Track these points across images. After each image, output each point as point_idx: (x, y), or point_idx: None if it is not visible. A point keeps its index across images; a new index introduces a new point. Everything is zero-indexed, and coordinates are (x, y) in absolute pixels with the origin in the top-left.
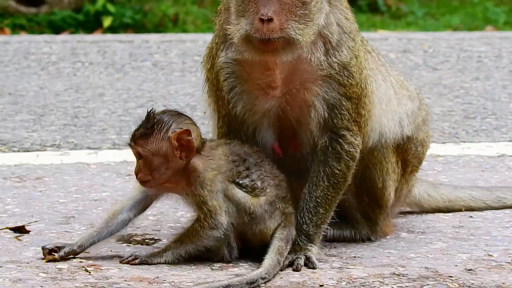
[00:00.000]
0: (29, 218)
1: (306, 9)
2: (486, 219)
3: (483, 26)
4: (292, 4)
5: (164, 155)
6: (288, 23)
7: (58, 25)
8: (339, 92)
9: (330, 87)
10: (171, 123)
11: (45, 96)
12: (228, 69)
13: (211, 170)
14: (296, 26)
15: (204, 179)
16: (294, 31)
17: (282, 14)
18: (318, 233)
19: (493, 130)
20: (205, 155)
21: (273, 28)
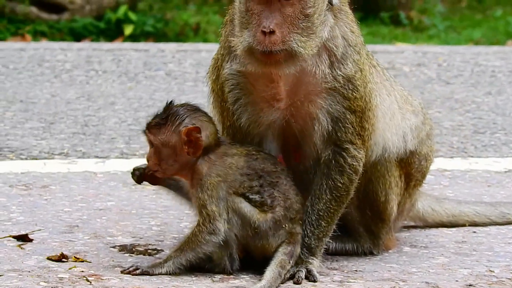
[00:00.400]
0: (33, 226)
1: (308, 22)
2: (489, 234)
3: (504, 41)
4: (294, 16)
5: (173, 147)
6: (290, 36)
7: (79, 33)
8: (343, 105)
9: (335, 100)
10: (185, 118)
11: (56, 104)
12: (233, 81)
13: (215, 176)
14: (299, 39)
15: (205, 183)
16: (296, 43)
17: (284, 26)
18: (320, 246)
19: (502, 145)
20: (214, 159)
21: (275, 41)
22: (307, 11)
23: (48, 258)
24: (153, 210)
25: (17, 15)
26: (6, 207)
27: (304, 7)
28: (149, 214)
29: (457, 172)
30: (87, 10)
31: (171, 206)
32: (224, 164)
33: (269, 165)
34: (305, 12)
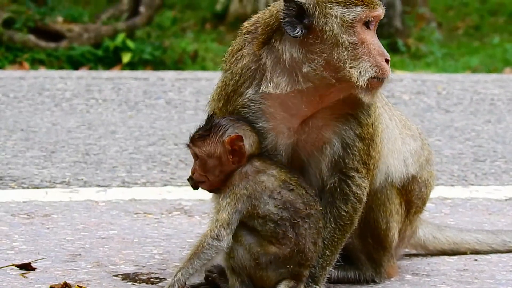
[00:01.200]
0: (36, 255)
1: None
2: (491, 262)
3: (502, 68)
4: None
5: (218, 158)
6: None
7: (77, 60)
8: (356, 132)
9: (349, 126)
10: (228, 128)
11: (57, 132)
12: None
13: (243, 188)
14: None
15: (230, 191)
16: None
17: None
18: (323, 275)
19: (502, 173)
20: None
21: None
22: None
23: (51, 287)
24: (155, 239)
25: (15, 43)
26: (8, 236)
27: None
28: (151, 242)
29: (458, 200)
30: (85, 38)
31: (173, 234)
32: (256, 180)
33: (299, 202)
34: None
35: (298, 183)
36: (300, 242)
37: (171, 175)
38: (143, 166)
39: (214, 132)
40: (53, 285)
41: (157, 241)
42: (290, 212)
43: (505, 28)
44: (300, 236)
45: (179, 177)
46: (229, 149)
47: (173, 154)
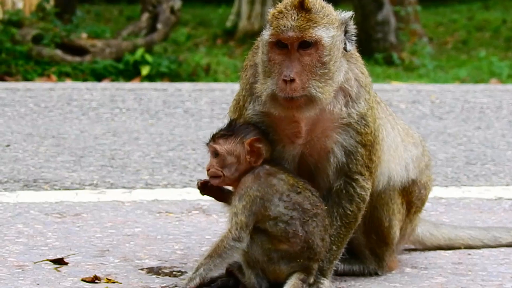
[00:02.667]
0: (68, 251)
1: (325, 69)
2: (483, 256)
3: (488, 79)
4: (312, 65)
5: (237, 156)
6: (310, 82)
7: (100, 73)
8: (356, 140)
9: (349, 135)
10: (249, 132)
11: (85, 139)
12: (256, 120)
13: (256, 190)
14: (317, 85)
15: (245, 193)
16: (315, 89)
17: (304, 74)
18: (330, 268)
19: (492, 175)
20: (260, 175)
21: (295, 88)
22: (323, 59)
23: (83, 280)
24: (177, 236)
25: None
26: (42, 234)
27: (321, 55)
28: (173, 239)
29: (452, 199)
30: (107, 52)
31: (192, 231)
32: (268, 183)
33: (307, 203)
34: (322, 60)
35: (304, 186)
36: (309, 240)
37: (190, 177)
38: (164, 170)
39: (236, 133)
40: (84, 278)
41: (178, 237)
42: (299, 212)
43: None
44: (309, 233)
45: (197, 179)
46: (248, 150)
47: (191, 158)
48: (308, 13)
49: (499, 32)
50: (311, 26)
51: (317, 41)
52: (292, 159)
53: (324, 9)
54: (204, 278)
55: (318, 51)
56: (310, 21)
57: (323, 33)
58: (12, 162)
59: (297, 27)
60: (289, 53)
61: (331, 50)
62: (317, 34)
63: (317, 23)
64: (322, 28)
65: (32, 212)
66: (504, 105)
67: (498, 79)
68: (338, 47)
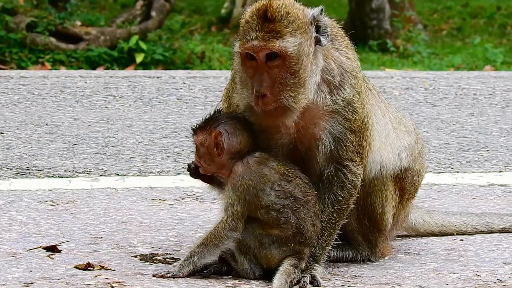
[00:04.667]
0: (61, 238)
1: (295, 78)
2: (475, 242)
3: (482, 66)
4: (282, 76)
5: (207, 148)
6: (281, 94)
7: (94, 61)
8: (345, 126)
9: (336, 122)
10: (219, 124)
11: (78, 126)
12: (243, 110)
13: (248, 179)
14: (289, 95)
15: (237, 183)
16: (287, 99)
17: (275, 87)
18: (323, 254)
19: (485, 161)
20: (251, 164)
21: (267, 102)
22: (292, 69)
23: (76, 267)
24: (170, 223)
25: (37, 45)
26: (36, 221)
27: (289, 66)
28: (166, 226)
29: (444, 186)
30: (102, 40)
31: (186, 218)
32: (259, 172)
33: (298, 191)
34: (291, 71)
35: (295, 174)
36: (300, 225)
37: (183, 164)
38: (158, 157)
39: (209, 124)
40: (77, 265)
41: (172, 224)
42: (290, 200)
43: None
44: (300, 220)
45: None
46: (214, 141)
47: (184, 146)
48: (272, 23)
49: (493, 19)
50: (275, 37)
51: (282, 52)
52: (283, 148)
53: (290, 16)
54: (196, 265)
55: (285, 62)
56: (274, 32)
57: (288, 44)
58: (5, 149)
59: (261, 38)
60: (258, 66)
61: (299, 59)
62: (281, 45)
63: (280, 33)
64: (287, 38)
65: (25, 199)
66: (497, 91)
67: (493, 66)
68: (307, 52)
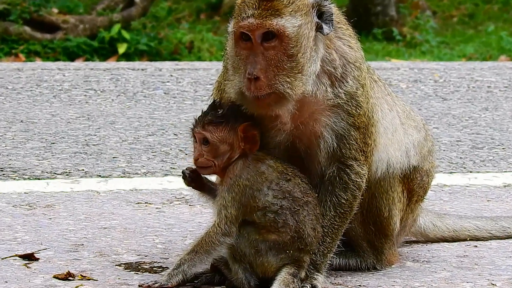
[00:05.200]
0: (38, 245)
1: (293, 62)
2: (490, 248)
3: (497, 56)
4: (278, 59)
5: (231, 144)
6: (276, 78)
7: (73, 52)
8: (348, 122)
9: (339, 117)
10: (240, 117)
11: (56, 123)
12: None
13: (245, 179)
14: (285, 80)
15: (234, 184)
16: (283, 85)
17: (269, 70)
18: (324, 262)
19: (500, 160)
20: (249, 162)
21: (260, 86)
22: (290, 51)
23: (55, 277)
24: (157, 228)
25: (10, 35)
26: (11, 227)
27: (287, 48)
28: (153, 232)
29: (456, 187)
30: (81, 29)
31: (174, 224)
32: (257, 170)
33: (297, 191)
34: (288, 53)
35: (294, 173)
36: (300, 229)
37: (171, 164)
38: (143, 156)
39: (227, 119)
40: (57, 275)
41: (159, 230)
42: (289, 201)
43: (500, 16)
44: (300, 223)
45: (179, 167)
46: (242, 136)
47: (172, 144)
48: (271, 1)
49: (509, 4)
50: (273, 15)
51: (280, 32)
52: (280, 145)
53: None
54: (187, 275)
55: (283, 43)
56: (272, 10)
57: (287, 23)
58: None
59: (258, 16)
60: (252, 48)
61: (298, 41)
62: (279, 24)
63: (279, 11)
64: (286, 17)
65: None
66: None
67: (508, 56)
68: (307, 36)
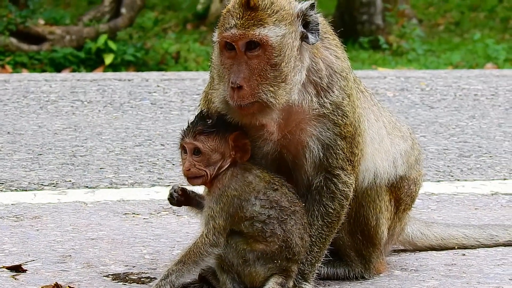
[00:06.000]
0: (26, 257)
1: (276, 71)
2: (478, 256)
3: (483, 64)
4: (261, 68)
5: (222, 153)
6: (260, 88)
7: (59, 63)
8: (334, 132)
9: (325, 127)
10: (230, 126)
11: (43, 135)
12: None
13: (233, 189)
14: (268, 89)
15: (222, 194)
16: (266, 94)
17: (253, 79)
18: (312, 272)
19: (488, 168)
20: (237, 172)
21: (243, 95)
22: (273, 60)
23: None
24: (145, 239)
25: None
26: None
27: (270, 57)
28: (141, 242)
29: (444, 196)
30: (67, 40)
31: (162, 234)
32: (244, 180)
33: (285, 201)
34: (272, 62)
35: (281, 183)
36: (288, 238)
37: (158, 175)
38: (131, 167)
39: (218, 128)
40: (44, 286)
41: (147, 241)
42: (276, 210)
43: (486, 23)
44: (287, 232)
45: (166, 177)
46: (232, 145)
47: (160, 155)
48: (254, 11)
49: (495, 12)
50: (256, 24)
51: (263, 41)
52: (267, 155)
53: (274, 5)
54: (175, 285)
55: (266, 53)
56: (256, 20)
57: (270, 33)
58: None
59: (240, 26)
60: (237, 57)
61: (281, 50)
62: (262, 33)
63: (263, 21)
64: (269, 27)
65: None
66: (500, 92)
67: (494, 64)
68: (291, 45)
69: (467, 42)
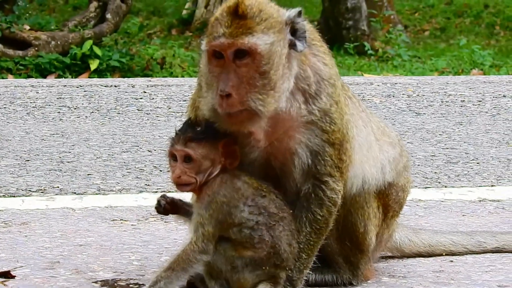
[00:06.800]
0: (15, 263)
1: (265, 79)
2: (466, 263)
3: (469, 70)
4: (250, 76)
5: (212, 160)
6: (248, 96)
7: (45, 68)
8: (322, 139)
9: (313, 134)
10: (219, 132)
11: (30, 141)
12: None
13: (222, 195)
14: (257, 97)
15: (211, 201)
16: (255, 102)
17: (241, 87)
18: (300, 278)
19: (475, 175)
20: (225, 178)
21: (232, 103)
22: (262, 68)
23: None
24: (133, 245)
25: None
26: None
27: (259, 65)
28: (129, 249)
29: (431, 202)
30: (52, 45)
31: (150, 240)
32: (233, 186)
33: (273, 207)
34: (260, 70)
35: (269, 189)
36: (276, 245)
37: (146, 181)
38: (118, 173)
39: (208, 134)
40: None
41: (135, 247)
42: (265, 216)
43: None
44: (275, 238)
45: (154, 183)
46: (222, 152)
47: (147, 161)
48: (243, 19)
49: (480, 18)
50: (244, 33)
51: (252, 49)
52: (254, 163)
53: (263, 13)
54: None
55: (255, 61)
56: (244, 28)
57: (259, 41)
58: None
59: (229, 35)
60: (225, 65)
61: (270, 58)
62: (250, 42)
63: (251, 29)
64: (258, 35)
65: None
66: (487, 98)
67: (480, 70)
68: (279, 53)
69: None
